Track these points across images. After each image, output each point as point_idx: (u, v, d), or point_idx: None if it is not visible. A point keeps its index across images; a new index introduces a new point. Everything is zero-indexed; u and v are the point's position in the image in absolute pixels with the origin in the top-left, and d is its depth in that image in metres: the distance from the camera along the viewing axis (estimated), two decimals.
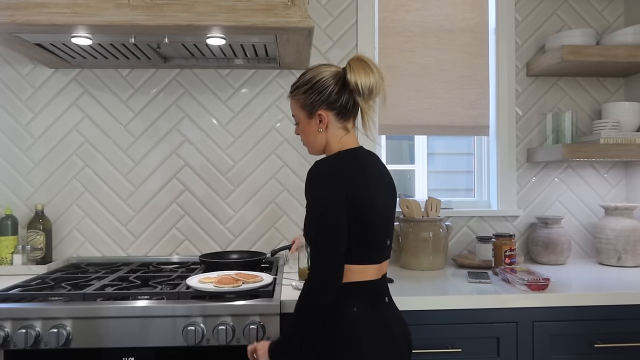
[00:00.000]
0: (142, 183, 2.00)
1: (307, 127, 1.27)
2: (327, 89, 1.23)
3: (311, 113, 1.25)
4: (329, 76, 1.24)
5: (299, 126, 1.29)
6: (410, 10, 2.08)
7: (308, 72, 1.26)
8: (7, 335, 1.30)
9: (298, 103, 1.26)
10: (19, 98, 1.98)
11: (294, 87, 1.27)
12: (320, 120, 1.24)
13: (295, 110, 1.28)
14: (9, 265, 1.81)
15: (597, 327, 1.47)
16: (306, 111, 1.26)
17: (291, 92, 1.28)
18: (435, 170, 2.59)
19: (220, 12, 1.47)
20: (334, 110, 1.24)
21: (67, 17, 1.45)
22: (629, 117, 1.93)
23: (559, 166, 2.12)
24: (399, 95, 2.08)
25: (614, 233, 1.88)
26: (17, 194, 1.98)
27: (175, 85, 2.01)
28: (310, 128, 1.26)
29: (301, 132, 1.29)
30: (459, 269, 1.86)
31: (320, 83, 1.24)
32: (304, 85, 1.25)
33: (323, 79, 1.24)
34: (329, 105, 1.24)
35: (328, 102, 1.23)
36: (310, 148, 1.30)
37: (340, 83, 1.23)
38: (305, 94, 1.25)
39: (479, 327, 1.45)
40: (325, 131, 1.26)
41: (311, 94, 1.24)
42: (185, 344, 1.32)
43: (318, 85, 1.24)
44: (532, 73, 2.09)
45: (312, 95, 1.24)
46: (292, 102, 1.28)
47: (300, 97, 1.26)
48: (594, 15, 2.13)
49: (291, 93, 1.29)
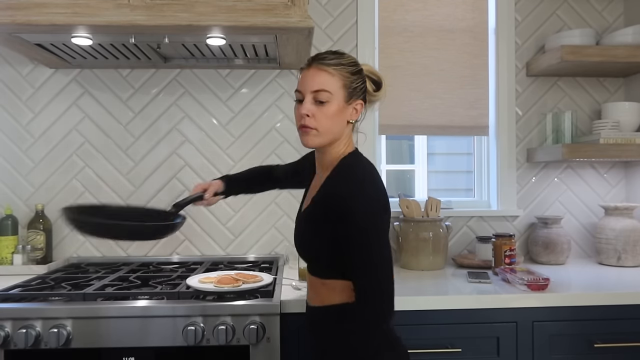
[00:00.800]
0: (142, 183, 2.01)
1: (338, 111, 1.11)
2: (365, 82, 1.16)
3: (351, 98, 1.12)
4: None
5: (325, 106, 1.10)
6: (410, 10, 2.08)
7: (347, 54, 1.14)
8: (8, 335, 1.30)
9: (341, 80, 1.10)
10: (19, 98, 1.98)
11: (337, 63, 1.11)
12: (356, 111, 1.14)
13: (331, 86, 1.09)
14: (9, 265, 1.81)
15: (597, 327, 1.47)
16: (347, 93, 1.11)
17: (331, 64, 1.10)
18: (435, 170, 2.59)
19: (220, 12, 1.47)
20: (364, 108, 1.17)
21: (67, 17, 1.45)
22: (628, 117, 1.93)
23: (558, 166, 2.12)
24: (399, 95, 2.08)
25: (614, 233, 1.89)
26: (17, 194, 1.98)
27: (175, 85, 2.01)
28: (341, 113, 1.11)
29: (324, 113, 1.10)
30: (459, 269, 1.87)
31: (363, 73, 1.15)
32: (351, 65, 1.12)
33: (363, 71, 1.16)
34: (364, 100, 1.16)
35: (363, 96, 1.15)
36: (319, 136, 1.12)
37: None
38: (353, 75, 1.12)
39: (479, 327, 1.45)
40: (347, 125, 1.15)
41: (357, 79, 1.13)
42: (185, 344, 1.32)
43: (362, 74, 1.15)
44: (532, 73, 2.09)
45: (358, 81, 1.13)
46: (330, 76, 1.09)
47: (346, 75, 1.11)
48: (593, 16, 2.13)
49: (331, 65, 1.10)
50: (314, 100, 1.10)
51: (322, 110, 1.10)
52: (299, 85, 1.13)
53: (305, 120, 1.11)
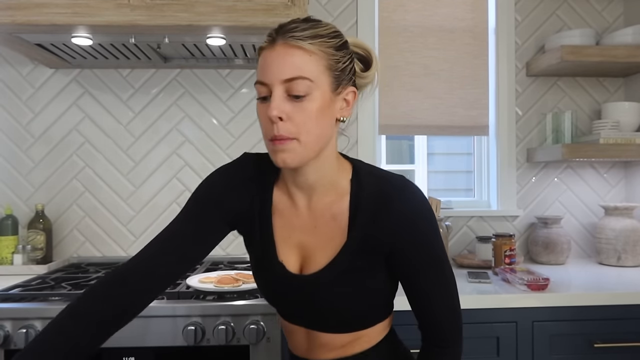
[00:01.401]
0: (142, 183, 2.01)
1: (325, 107, 0.76)
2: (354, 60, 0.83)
3: (338, 85, 0.78)
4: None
5: (305, 102, 0.74)
6: (410, 10, 2.08)
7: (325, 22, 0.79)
8: (8, 335, 1.30)
9: (323, 59, 0.75)
10: (19, 98, 1.98)
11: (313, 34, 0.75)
12: (347, 103, 0.81)
13: (311, 69, 0.74)
14: (9, 265, 1.81)
15: (597, 327, 1.47)
16: (334, 78, 0.77)
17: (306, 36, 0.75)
18: (435, 170, 2.60)
19: (220, 12, 1.47)
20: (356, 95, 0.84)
21: (67, 17, 1.45)
22: (628, 117, 1.93)
23: (558, 166, 2.12)
24: (399, 95, 2.08)
25: (614, 233, 1.89)
26: (17, 194, 1.98)
27: (175, 85, 2.01)
28: (328, 110, 0.77)
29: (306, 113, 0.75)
30: (458, 268, 1.87)
31: (350, 47, 0.82)
32: (334, 36, 0.78)
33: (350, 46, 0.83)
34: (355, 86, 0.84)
35: (354, 79, 0.83)
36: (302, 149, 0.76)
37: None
38: (338, 51, 0.77)
39: (479, 327, 1.45)
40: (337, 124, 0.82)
41: (346, 56, 0.79)
42: (185, 344, 1.32)
43: (349, 49, 0.82)
44: (532, 73, 2.09)
45: (347, 59, 0.79)
46: (307, 55, 0.74)
47: (329, 51, 0.76)
48: (593, 16, 2.13)
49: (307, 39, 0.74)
50: (286, 95, 0.75)
51: (302, 107, 0.75)
52: (261, 74, 0.76)
53: (279, 127, 0.74)
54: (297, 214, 0.86)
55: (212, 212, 0.86)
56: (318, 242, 0.85)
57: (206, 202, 0.87)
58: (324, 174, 0.83)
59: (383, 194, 0.80)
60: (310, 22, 0.78)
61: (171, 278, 0.84)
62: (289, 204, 0.87)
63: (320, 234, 0.84)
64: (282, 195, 0.88)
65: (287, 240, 0.87)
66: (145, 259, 0.83)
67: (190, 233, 0.85)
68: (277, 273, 0.87)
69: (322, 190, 0.84)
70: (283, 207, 0.87)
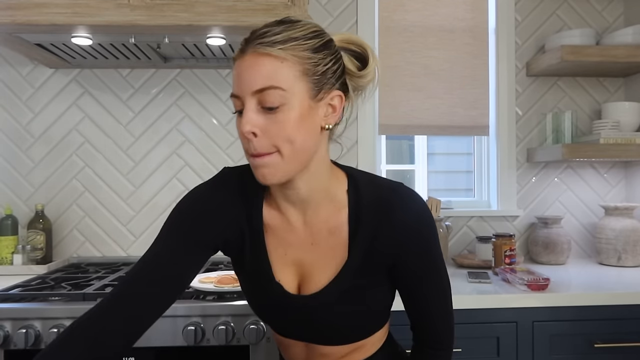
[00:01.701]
0: (142, 183, 2.01)
1: (304, 116, 0.70)
2: (342, 59, 0.76)
3: (320, 91, 0.72)
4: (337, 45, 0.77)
5: (278, 113, 0.69)
6: (410, 10, 2.08)
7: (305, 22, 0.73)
8: (7, 335, 1.30)
9: (298, 65, 0.69)
10: (19, 98, 1.98)
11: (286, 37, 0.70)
12: (333, 108, 0.74)
13: (283, 77, 0.69)
14: (9, 265, 1.81)
15: (597, 327, 1.47)
16: (313, 84, 0.71)
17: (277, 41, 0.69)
18: (435, 170, 2.60)
19: (220, 12, 1.47)
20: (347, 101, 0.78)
21: (67, 17, 1.45)
22: (628, 117, 1.93)
23: (559, 166, 2.12)
24: (399, 95, 2.08)
25: (614, 233, 1.88)
26: (17, 194, 1.98)
27: (175, 85, 2.01)
28: (308, 118, 0.71)
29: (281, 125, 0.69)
30: (459, 269, 1.87)
31: (335, 46, 0.75)
32: (312, 37, 0.71)
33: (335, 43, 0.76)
34: (343, 86, 0.77)
35: (342, 81, 0.76)
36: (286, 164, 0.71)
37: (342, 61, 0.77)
38: (317, 53, 0.71)
39: (479, 327, 1.45)
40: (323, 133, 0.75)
41: (327, 57, 0.72)
42: (185, 344, 1.32)
43: (335, 48, 0.75)
44: (532, 73, 2.09)
45: (329, 61, 0.72)
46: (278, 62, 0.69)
47: (305, 55, 0.70)
48: (594, 15, 2.13)
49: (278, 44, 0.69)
50: (260, 107, 0.70)
51: (277, 119, 0.69)
52: (234, 86, 0.72)
53: (254, 143, 0.70)
54: (291, 230, 0.81)
55: (191, 239, 0.79)
56: (317, 259, 0.80)
57: (184, 227, 0.79)
58: (316, 186, 0.77)
59: (384, 203, 0.76)
60: (285, 24, 0.72)
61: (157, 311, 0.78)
62: (281, 220, 0.81)
63: (319, 250, 0.80)
64: (273, 211, 0.82)
65: (283, 258, 0.82)
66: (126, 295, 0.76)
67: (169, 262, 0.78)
68: (275, 293, 0.82)
69: (317, 203, 0.79)
70: (275, 223, 0.82)
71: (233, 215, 0.82)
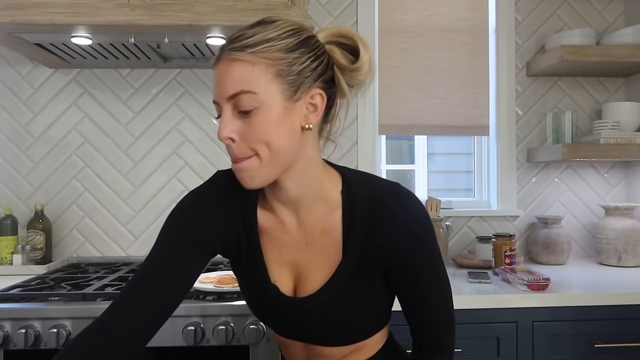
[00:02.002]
0: (142, 183, 2.00)
1: (282, 118, 0.70)
2: (324, 55, 0.74)
3: (297, 90, 0.71)
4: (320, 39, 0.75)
5: (253, 117, 0.69)
6: (410, 10, 2.08)
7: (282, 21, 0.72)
8: (7, 335, 1.30)
9: (270, 67, 0.69)
10: (18, 98, 1.98)
11: (257, 40, 0.69)
12: (314, 107, 0.73)
13: (254, 81, 0.68)
14: (9, 265, 1.81)
15: (597, 327, 1.47)
16: (288, 85, 0.70)
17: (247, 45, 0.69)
18: (435, 170, 2.59)
19: (220, 12, 1.47)
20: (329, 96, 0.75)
21: (67, 17, 1.45)
22: (629, 117, 1.93)
23: (559, 166, 2.12)
24: (399, 95, 2.07)
25: (614, 233, 1.88)
26: (17, 194, 1.97)
27: (175, 85, 2.01)
28: (286, 120, 0.70)
29: (256, 129, 0.69)
30: (459, 269, 1.86)
31: (315, 42, 0.73)
32: (285, 36, 0.70)
33: (315, 37, 0.74)
34: (326, 84, 0.74)
35: (325, 78, 0.74)
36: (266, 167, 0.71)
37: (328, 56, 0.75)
38: (291, 53, 0.70)
39: (479, 327, 1.45)
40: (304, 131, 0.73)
41: (304, 56, 0.71)
42: (185, 344, 1.32)
43: (314, 45, 0.73)
44: (532, 73, 2.08)
45: (306, 58, 0.71)
46: (249, 66, 0.68)
47: (277, 55, 0.69)
48: (594, 15, 2.13)
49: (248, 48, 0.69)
50: (235, 112, 0.70)
51: (252, 123, 0.69)
52: (213, 93, 0.73)
53: (233, 149, 0.71)
54: (286, 231, 0.81)
55: (189, 241, 0.80)
56: (311, 260, 0.80)
57: (181, 231, 0.80)
58: (307, 187, 0.77)
59: (378, 203, 0.75)
60: (260, 25, 0.71)
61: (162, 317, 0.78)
62: (275, 221, 0.82)
63: (313, 251, 0.80)
64: (267, 212, 0.82)
65: (279, 259, 0.82)
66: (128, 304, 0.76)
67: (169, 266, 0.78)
68: (271, 295, 0.83)
69: (309, 204, 0.78)
70: (269, 225, 0.82)
71: (228, 217, 0.82)
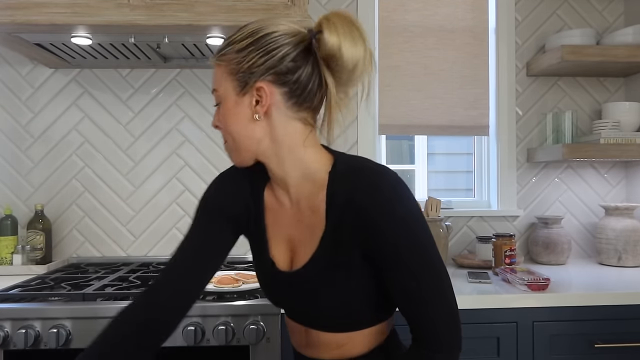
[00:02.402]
0: (142, 183, 2.00)
1: (234, 110, 0.82)
2: (279, 49, 0.79)
3: (245, 85, 0.80)
4: (285, 32, 0.81)
5: (220, 109, 0.84)
6: (410, 10, 2.08)
7: (252, 23, 0.83)
8: (7, 335, 1.30)
9: (226, 68, 0.81)
10: (18, 98, 1.98)
11: (225, 44, 0.82)
12: (258, 98, 0.80)
13: (218, 80, 0.83)
14: (9, 265, 1.81)
15: (598, 327, 1.47)
16: (237, 81, 0.81)
17: (218, 51, 0.83)
18: (435, 170, 2.60)
19: (220, 12, 1.47)
20: (285, 86, 0.80)
21: (67, 17, 1.45)
22: (629, 117, 1.93)
23: (559, 166, 2.12)
24: (399, 95, 2.07)
25: (614, 233, 1.88)
26: (17, 194, 1.97)
27: (175, 85, 2.01)
28: (238, 111, 0.82)
29: (222, 118, 0.84)
30: (459, 269, 1.86)
31: (270, 39, 0.80)
32: (242, 39, 0.80)
33: (276, 33, 0.80)
34: (278, 76, 0.80)
35: (277, 70, 0.79)
36: (235, 151, 0.85)
37: (302, 47, 0.81)
38: (240, 53, 0.80)
39: (479, 327, 1.45)
40: (264, 119, 0.81)
41: (251, 54, 0.79)
42: (185, 344, 1.32)
43: (266, 42, 0.80)
44: (532, 73, 2.08)
45: (254, 56, 0.79)
46: (218, 69, 0.83)
47: (232, 57, 0.81)
48: (594, 15, 2.13)
49: (219, 53, 0.83)
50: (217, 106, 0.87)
51: (219, 114, 0.85)
52: None
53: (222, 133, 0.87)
54: (283, 210, 0.89)
55: (218, 220, 0.92)
56: (302, 235, 0.86)
57: (210, 211, 0.93)
58: (290, 168, 0.84)
59: (357, 179, 0.79)
60: (237, 31, 0.83)
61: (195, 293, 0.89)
62: (276, 201, 0.91)
63: (304, 227, 0.86)
64: (271, 193, 0.92)
65: (278, 236, 0.90)
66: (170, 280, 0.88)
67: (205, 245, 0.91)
68: (269, 269, 0.91)
69: (297, 183, 0.85)
70: (272, 204, 0.91)
71: (242, 199, 0.93)
